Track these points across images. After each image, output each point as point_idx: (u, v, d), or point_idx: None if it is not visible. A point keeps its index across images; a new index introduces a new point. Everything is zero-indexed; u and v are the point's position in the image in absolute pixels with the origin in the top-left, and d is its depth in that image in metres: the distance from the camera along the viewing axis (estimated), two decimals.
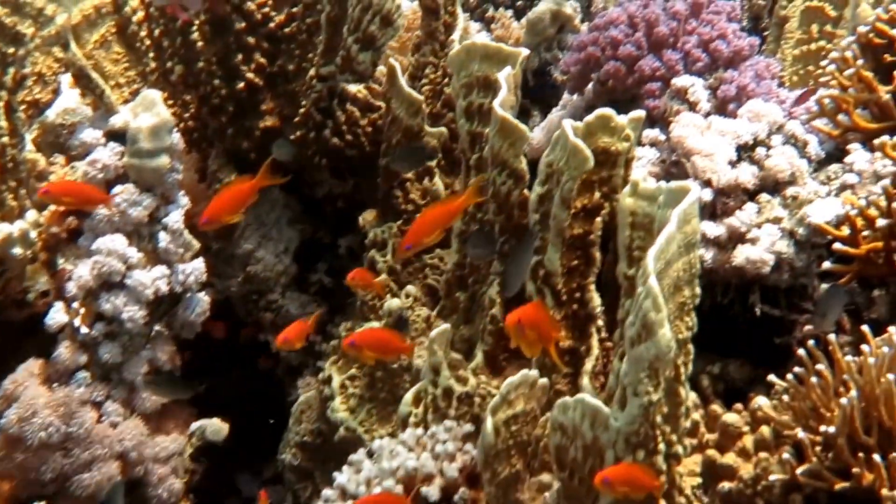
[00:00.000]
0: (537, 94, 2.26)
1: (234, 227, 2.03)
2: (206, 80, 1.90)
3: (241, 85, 1.89)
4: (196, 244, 1.90)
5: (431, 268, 1.99)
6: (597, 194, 1.50)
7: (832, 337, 1.20)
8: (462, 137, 1.76)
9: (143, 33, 1.96)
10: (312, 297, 2.22)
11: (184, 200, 1.86)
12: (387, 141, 1.92)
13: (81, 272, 1.75)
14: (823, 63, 1.61)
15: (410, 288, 1.91)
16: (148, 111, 1.74)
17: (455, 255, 1.80)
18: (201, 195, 1.97)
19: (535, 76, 2.22)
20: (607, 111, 1.44)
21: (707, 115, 1.59)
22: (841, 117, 1.55)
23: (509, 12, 3.17)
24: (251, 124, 1.95)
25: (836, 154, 1.56)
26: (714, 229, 1.43)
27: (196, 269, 1.88)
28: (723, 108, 1.59)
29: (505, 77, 1.60)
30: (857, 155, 1.47)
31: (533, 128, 2.21)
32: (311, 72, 1.88)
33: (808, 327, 1.42)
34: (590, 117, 1.45)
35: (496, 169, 1.62)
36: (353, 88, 1.98)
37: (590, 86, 1.79)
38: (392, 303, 1.86)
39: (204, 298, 1.93)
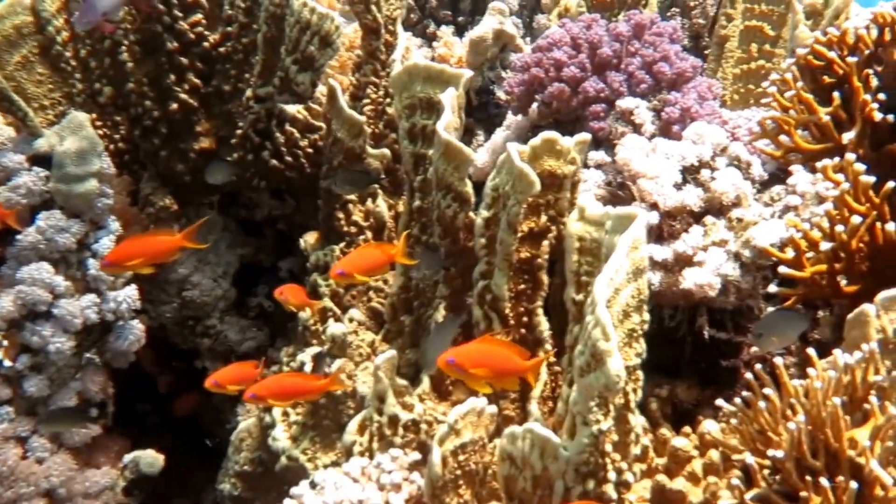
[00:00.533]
0: (481, 113, 2.26)
1: None
2: (138, 102, 1.86)
3: (175, 106, 1.86)
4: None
5: (376, 290, 1.98)
6: (543, 217, 1.51)
7: (778, 360, 1.22)
8: (405, 159, 1.75)
9: (68, 54, 1.91)
10: (252, 322, 2.19)
11: (114, 226, 1.81)
12: (328, 163, 1.90)
13: (4, 303, 1.68)
14: (764, 84, 1.65)
15: (354, 312, 1.89)
16: (75, 134, 1.69)
17: (400, 278, 1.79)
18: (134, 219, 1.92)
19: (479, 95, 2.22)
20: (552, 135, 1.45)
21: (652, 137, 1.61)
22: (782, 138, 1.58)
23: (450, 28, 3.18)
24: (186, 146, 1.92)
25: (779, 175, 1.60)
26: (661, 252, 1.45)
27: (128, 296, 1.83)
28: (667, 129, 1.62)
29: (448, 99, 1.60)
30: (799, 176, 1.50)
31: (477, 148, 2.22)
32: (248, 92, 1.86)
33: (754, 349, 1.44)
34: (535, 141, 1.46)
35: (441, 192, 1.62)
36: (293, 109, 1.96)
37: (534, 106, 1.80)
38: (335, 328, 1.84)
39: (137, 326, 1.88)
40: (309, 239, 1.99)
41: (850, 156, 1.30)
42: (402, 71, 1.71)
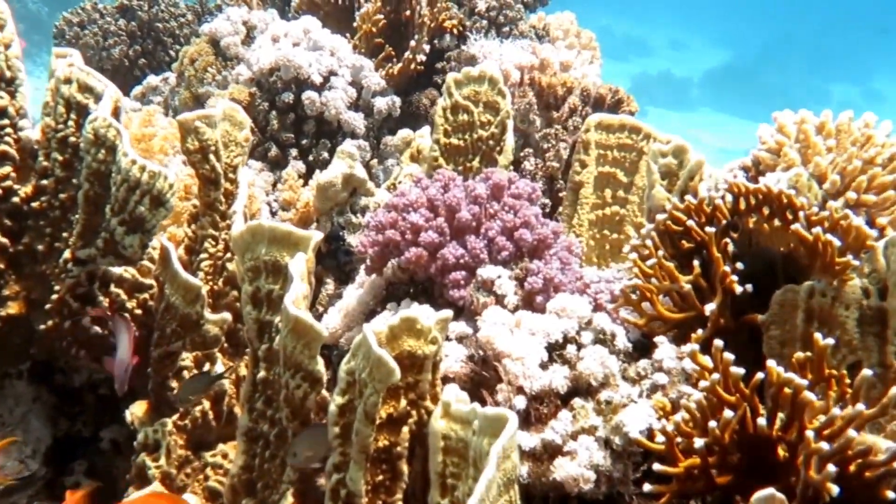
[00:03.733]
0: (331, 260, 2.20)
1: None
2: None
3: None
4: None
5: (213, 467, 1.85)
6: (403, 402, 1.45)
7: None
8: (249, 326, 1.66)
9: None
10: None
11: None
12: (160, 329, 1.77)
13: None
14: (625, 250, 1.68)
15: (188, 497, 1.75)
16: None
17: (242, 457, 1.68)
18: None
19: (328, 242, 2.17)
20: (412, 313, 1.41)
21: (515, 308, 1.60)
22: (645, 305, 1.61)
23: (294, 150, 3.15)
24: None
25: (643, 342, 1.61)
26: (529, 440, 1.41)
27: None
28: (530, 300, 1.61)
29: (297, 267, 1.53)
30: (664, 350, 1.51)
31: (327, 298, 2.16)
32: (67, 254, 1.71)
33: None
34: (393, 321, 1.41)
35: (289, 371, 1.54)
36: (119, 269, 1.82)
37: (389, 266, 1.76)
38: None
39: None
40: (136, 411, 1.84)
41: (718, 342, 1.32)
42: (244, 231, 1.63)
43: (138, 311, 1.86)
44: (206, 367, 1.86)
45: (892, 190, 1.72)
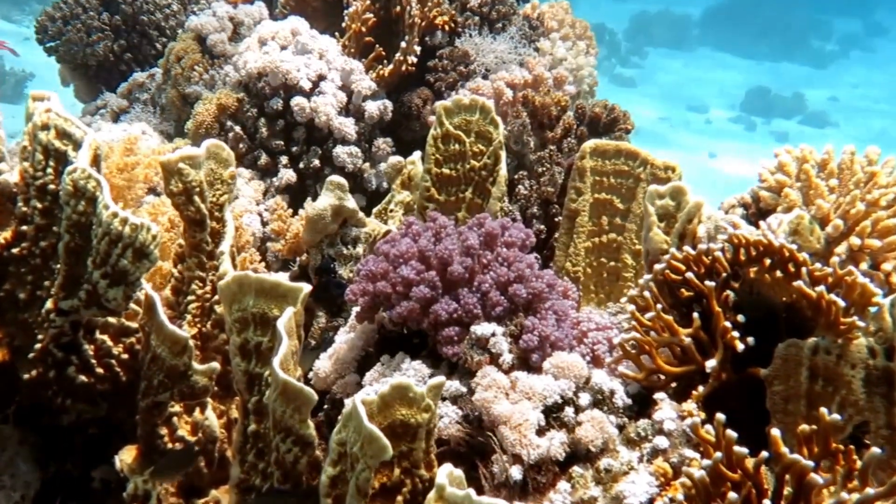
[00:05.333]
0: (321, 293, 2.13)
1: None
2: None
3: None
4: None
5: None
6: (396, 471, 1.40)
7: None
8: (238, 377, 1.61)
9: None
10: None
11: None
12: (147, 380, 1.71)
13: None
14: (623, 301, 1.62)
15: None
16: None
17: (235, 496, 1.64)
18: None
19: (319, 275, 2.10)
20: (404, 382, 1.35)
21: (510, 367, 1.54)
22: (644, 358, 1.55)
23: (284, 158, 3.06)
24: None
25: (643, 394, 1.56)
26: None
27: None
28: (525, 358, 1.55)
29: (285, 324, 1.47)
30: (665, 412, 1.46)
31: (319, 329, 2.09)
32: (49, 304, 1.64)
33: None
34: (385, 390, 1.35)
35: (280, 434, 1.49)
36: None
37: (381, 315, 1.70)
38: None
39: None
40: (126, 458, 1.78)
41: (720, 416, 1.27)
42: (231, 281, 1.57)
43: (125, 356, 1.79)
44: (195, 411, 1.81)
45: None
